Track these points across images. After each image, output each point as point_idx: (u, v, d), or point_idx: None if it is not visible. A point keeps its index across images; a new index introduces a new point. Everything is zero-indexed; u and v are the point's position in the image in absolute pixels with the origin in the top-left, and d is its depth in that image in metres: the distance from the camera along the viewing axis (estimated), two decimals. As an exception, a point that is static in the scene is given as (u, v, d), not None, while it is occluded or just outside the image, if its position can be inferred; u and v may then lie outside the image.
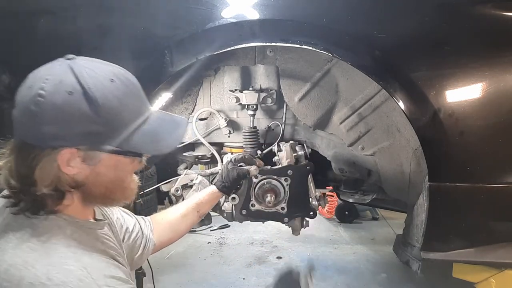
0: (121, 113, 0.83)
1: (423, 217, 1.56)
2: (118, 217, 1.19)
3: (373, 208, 4.22)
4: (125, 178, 0.93)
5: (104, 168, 0.86)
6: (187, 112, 1.98)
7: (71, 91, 0.78)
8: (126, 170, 0.91)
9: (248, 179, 1.64)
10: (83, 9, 1.46)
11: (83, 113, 0.78)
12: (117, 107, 0.82)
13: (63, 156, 0.81)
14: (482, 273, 1.68)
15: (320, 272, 3.12)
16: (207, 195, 1.47)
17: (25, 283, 0.76)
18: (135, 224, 1.25)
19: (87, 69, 0.81)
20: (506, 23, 1.47)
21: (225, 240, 3.78)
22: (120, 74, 0.85)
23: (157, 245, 1.32)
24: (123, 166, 0.89)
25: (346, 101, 1.81)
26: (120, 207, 1.24)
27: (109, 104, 0.80)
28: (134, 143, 0.85)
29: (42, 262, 0.77)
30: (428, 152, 1.47)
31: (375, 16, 1.47)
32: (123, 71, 0.88)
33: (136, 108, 0.87)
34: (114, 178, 0.89)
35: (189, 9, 1.45)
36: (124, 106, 0.83)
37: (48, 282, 0.75)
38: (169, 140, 0.93)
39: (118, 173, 0.89)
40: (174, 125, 0.96)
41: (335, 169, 2.04)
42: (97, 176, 0.86)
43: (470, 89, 1.44)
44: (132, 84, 0.88)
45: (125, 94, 0.84)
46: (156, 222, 1.34)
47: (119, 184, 0.92)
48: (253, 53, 1.80)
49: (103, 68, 0.84)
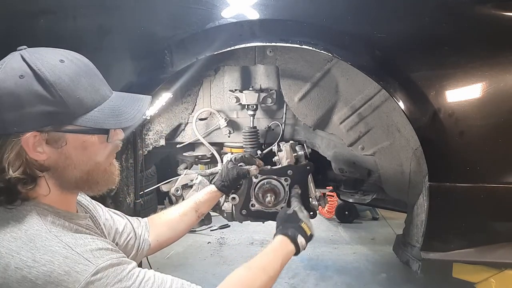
0: (75, 91, 0.84)
1: (423, 217, 1.56)
2: (107, 218, 1.17)
3: (373, 208, 4.21)
4: (99, 160, 0.92)
5: (72, 150, 0.87)
6: (187, 112, 1.98)
7: (22, 74, 0.81)
8: (97, 151, 0.91)
9: (248, 179, 1.64)
10: (83, 9, 1.46)
11: (37, 95, 0.81)
12: (70, 85, 0.83)
13: (27, 140, 0.82)
14: (482, 273, 1.68)
15: (320, 272, 3.12)
16: (206, 195, 1.46)
17: (11, 268, 0.77)
18: (125, 225, 1.23)
19: (37, 54, 0.84)
20: (506, 23, 1.47)
21: (225, 240, 3.78)
22: (70, 55, 0.88)
23: (155, 245, 1.30)
24: (93, 147, 0.90)
25: (346, 101, 1.81)
26: (111, 209, 1.23)
27: (61, 83, 0.82)
28: (94, 119, 0.86)
29: (26, 248, 0.79)
30: (428, 152, 1.47)
31: (375, 16, 1.47)
32: (74, 53, 0.90)
33: (91, 87, 0.88)
34: (86, 160, 0.90)
35: (189, 9, 1.45)
36: (77, 84, 0.85)
37: (34, 264, 0.77)
38: (131, 112, 0.92)
39: (89, 154, 0.89)
40: (135, 100, 0.96)
41: (335, 169, 2.04)
42: (67, 159, 0.87)
43: (470, 89, 1.44)
44: (84, 64, 0.90)
45: (77, 72, 0.86)
46: (154, 223, 1.33)
47: (94, 166, 0.91)
48: (253, 53, 1.80)
49: (52, 51, 0.87)
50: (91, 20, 1.47)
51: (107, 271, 0.81)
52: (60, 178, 0.89)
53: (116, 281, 0.82)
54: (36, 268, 0.77)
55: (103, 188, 0.97)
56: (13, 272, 0.77)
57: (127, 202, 1.76)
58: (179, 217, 1.38)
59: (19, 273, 0.77)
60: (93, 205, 1.14)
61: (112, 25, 1.47)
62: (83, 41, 1.47)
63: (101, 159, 0.92)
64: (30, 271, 0.77)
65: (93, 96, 0.88)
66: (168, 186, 1.94)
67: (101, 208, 1.18)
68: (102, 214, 1.16)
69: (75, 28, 1.47)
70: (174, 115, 1.97)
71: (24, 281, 0.77)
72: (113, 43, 1.47)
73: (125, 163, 1.74)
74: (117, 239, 1.19)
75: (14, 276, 0.77)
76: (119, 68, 1.46)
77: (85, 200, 1.11)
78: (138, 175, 1.81)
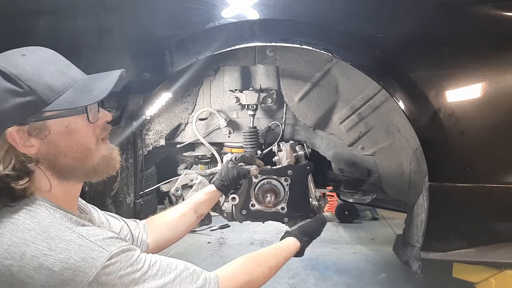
0: (42, 78, 0.86)
1: (423, 217, 1.56)
2: (103, 221, 1.18)
3: (373, 208, 4.22)
4: (89, 144, 0.93)
5: (59, 137, 0.89)
6: (187, 112, 1.99)
7: None
8: (84, 135, 0.92)
9: (248, 179, 1.64)
10: (83, 9, 1.46)
11: (7, 90, 0.84)
12: (35, 73, 0.86)
13: (12, 136, 0.85)
14: (482, 273, 1.67)
15: (320, 272, 3.12)
16: (205, 195, 1.46)
17: (28, 257, 0.80)
18: (122, 227, 1.23)
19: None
20: (506, 23, 1.47)
21: (225, 240, 3.78)
22: (31, 49, 0.92)
23: (154, 247, 1.31)
24: (77, 129, 0.91)
25: (346, 101, 1.81)
26: (106, 212, 1.24)
27: (25, 73, 0.85)
28: (68, 100, 0.88)
29: (40, 238, 0.82)
30: (428, 152, 1.47)
31: (375, 16, 1.47)
32: (37, 47, 0.93)
33: (58, 72, 0.90)
34: (75, 145, 0.91)
35: (189, 9, 1.45)
36: (42, 71, 0.87)
37: (50, 252, 0.80)
38: (103, 86, 0.92)
39: (76, 139, 0.91)
40: (107, 74, 0.96)
41: (335, 169, 2.04)
42: (56, 147, 0.89)
43: (470, 89, 1.44)
44: (46, 53, 0.93)
45: (40, 61, 0.88)
46: (153, 224, 1.34)
47: (87, 153, 0.93)
48: (253, 53, 1.80)
49: (14, 50, 0.90)
50: (91, 20, 1.47)
51: (119, 256, 0.86)
52: (55, 168, 0.91)
53: (128, 265, 0.87)
54: (52, 256, 0.80)
55: (103, 175, 0.99)
56: (29, 260, 0.80)
57: (127, 202, 1.76)
58: (178, 218, 1.38)
59: (36, 261, 0.80)
60: (89, 208, 1.15)
61: (112, 25, 1.47)
62: (83, 41, 1.46)
63: (91, 144, 0.94)
64: (46, 258, 0.80)
65: (62, 80, 0.89)
66: (168, 186, 1.94)
67: (96, 212, 1.18)
68: (97, 217, 1.16)
69: (75, 28, 1.46)
70: (174, 115, 1.97)
71: (41, 269, 0.80)
72: (113, 43, 1.47)
73: (125, 163, 1.74)
74: None
75: (31, 264, 0.80)
76: (119, 68, 1.46)
77: (81, 204, 1.11)
78: (138, 175, 1.81)
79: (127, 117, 1.57)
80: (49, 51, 0.93)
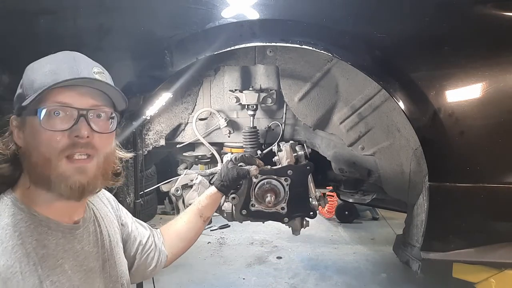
0: (34, 74, 0.90)
1: (423, 217, 1.56)
2: (133, 229, 1.23)
3: (373, 208, 4.22)
4: (45, 151, 0.85)
5: (27, 136, 0.90)
6: (187, 112, 1.99)
7: None
8: (40, 139, 0.86)
9: (248, 179, 1.64)
10: (83, 9, 1.46)
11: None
12: (34, 69, 0.91)
13: (11, 122, 0.92)
14: (482, 273, 1.67)
15: (320, 272, 3.12)
16: (207, 199, 1.46)
17: None
18: (149, 236, 1.27)
19: None
20: (506, 23, 1.47)
21: (225, 240, 3.78)
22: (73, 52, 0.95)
23: (169, 257, 1.33)
24: (34, 132, 0.86)
25: (346, 101, 1.81)
26: (136, 220, 1.28)
27: (29, 68, 0.91)
28: (36, 87, 0.87)
29: None
30: (428, 152, 1.47)
31: (375, 16, 1.47)
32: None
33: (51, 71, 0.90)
34: (34, 149, 0.87)
35: (189, 9, 1.45)
36: (42, 68, 0.90)
37: None
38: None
39: (36, 141, 0.86)
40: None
41: (335, 169, 2.04)
42: (27, 146, 0.90)
43: (470, 89, 1.44)
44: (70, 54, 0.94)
45: (54, 59, 0.92)
46: (165, 234, 1.36)
47: (42, 159, 0.86)
48: (253, 53, 1.80)
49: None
50: (91, 20, 1.47)
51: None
52: (29, 169, 0.90)
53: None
54: None
55: (56, 190, 0.88)
56: None
57: (127, 202, 1.76)
58: (185, 226, 1.40)
59: None
60: (124, 214, 1.21)
61: (112, 25, 1.47)
62: (83, 41, 1.47)
63: (49, 154, 0.85)
64: None
65: (45, 79, 0.87)
66: (168, 186, 1.94)
67: (129, 218, 1.23)
68: (128, 225, 1.21)
69: (75, 28, 1.46)
70: (174, 115, 1.97)
71: None
72: (113, 43, 1.47)
73: (125, 163, 1.74)
74: (140, 250, 1.23)
75: None
76: (119, 68, 1.46)
77: (113, 209, 1.16)
78: (138, 175, 1.81)
79: (127, 117, 1.57)
80: (77, 54, 0.94)
